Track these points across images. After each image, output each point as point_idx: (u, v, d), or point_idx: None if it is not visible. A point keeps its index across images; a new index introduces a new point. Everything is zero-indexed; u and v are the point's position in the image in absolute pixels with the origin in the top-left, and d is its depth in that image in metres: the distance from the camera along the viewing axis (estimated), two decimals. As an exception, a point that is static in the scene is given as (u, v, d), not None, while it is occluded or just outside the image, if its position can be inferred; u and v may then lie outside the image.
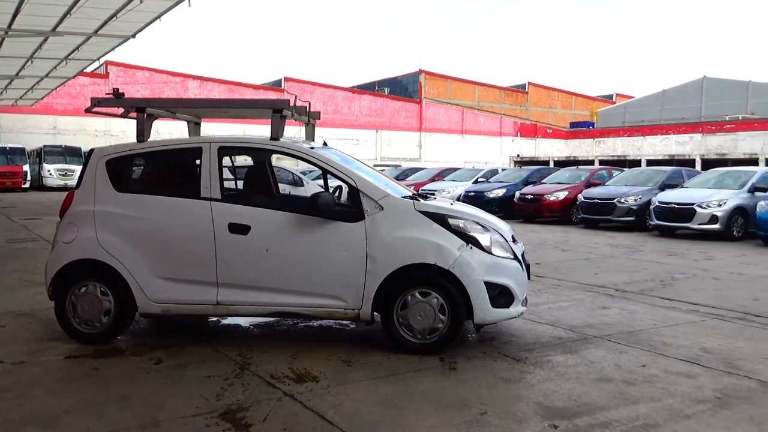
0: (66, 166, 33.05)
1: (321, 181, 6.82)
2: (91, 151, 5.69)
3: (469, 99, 56.06)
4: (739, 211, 14.00)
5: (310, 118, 6.39)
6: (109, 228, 5.35)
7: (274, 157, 6.14)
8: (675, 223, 14.48)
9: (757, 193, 14.15)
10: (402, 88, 56.19)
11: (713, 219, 13.84)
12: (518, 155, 50.40)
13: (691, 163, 34.36)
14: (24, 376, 4.59)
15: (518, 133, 56.12)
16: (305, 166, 19.30)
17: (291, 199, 7.27)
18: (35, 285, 7.60)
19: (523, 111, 59.04)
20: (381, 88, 55.72)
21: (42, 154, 33.38)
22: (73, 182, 27.60)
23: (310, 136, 6.56)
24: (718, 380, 4.55)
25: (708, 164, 30.94)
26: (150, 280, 5.27)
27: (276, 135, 5.46)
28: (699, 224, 14.02)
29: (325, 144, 6.22)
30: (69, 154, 34.04)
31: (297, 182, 13.57)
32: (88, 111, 5.85)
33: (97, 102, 5.70)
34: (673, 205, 14.48)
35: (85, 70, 27.94)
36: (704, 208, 13.97)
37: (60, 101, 38.62)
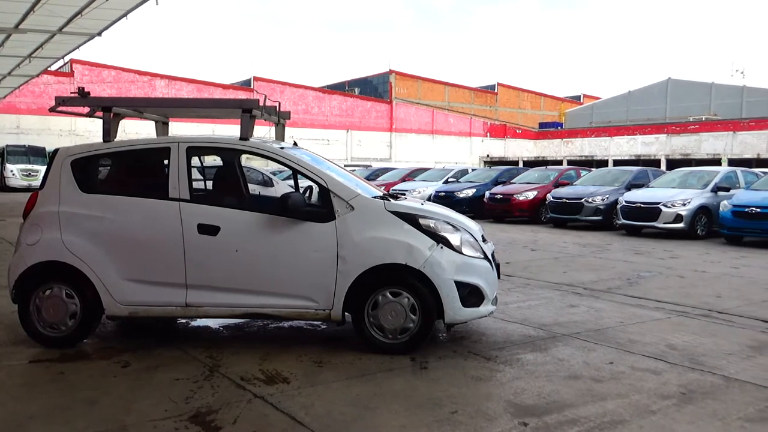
0: (29, 167, 32.34)
1: (291, 182, 6.80)
2: (56, 151, 5.59)
3: (440, 99, 56.30)
4: (702, 210, 14.32)
5: (279, 118, 6.35)
6: (75, 229, 5.25)
7: (243, 157, 6.09)
8: (641, 222, 14.74)
9: (720, 193, 14.50)
10: (372, 88, 56.20)
11: (678, 218, 14.13)
12: (488, 155, 50.78)
13: (656, 163, 35.03)
14: (-14, 381, 4.48)
15: (488, 134, 56.52)
16: (275, 166, 19.19)
17: (261, 200, 7.23)
18: (-2, 288, 7.42)
19: (492, 111, 59.49)
20: (351, 88, 55.66)
21: (5, 154, 32.61)
22: (37, 183, 27.08)
23: (280, 136, 6.53)
24: (683, 376, 4.65)
25: (673, 164, 31.57)
26: (117, 281, 5.19)
27: (245, 135, 5.42)
28: (664, 223, 14.29)
29: (295, 144, 6.19)
30: (33, 154, 33.32)
31: (267, 182, 13.50)
32: (52, 110, 5.74)
33: (61, 101, 5.60)
34: (639, 204, 14.74)
35: (49, 69, 27.41)
36: (669, 207, 14.25)
37: (23, 100, 37.81)
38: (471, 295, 5.15)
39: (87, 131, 37.92)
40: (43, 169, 25.37)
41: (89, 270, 5.17)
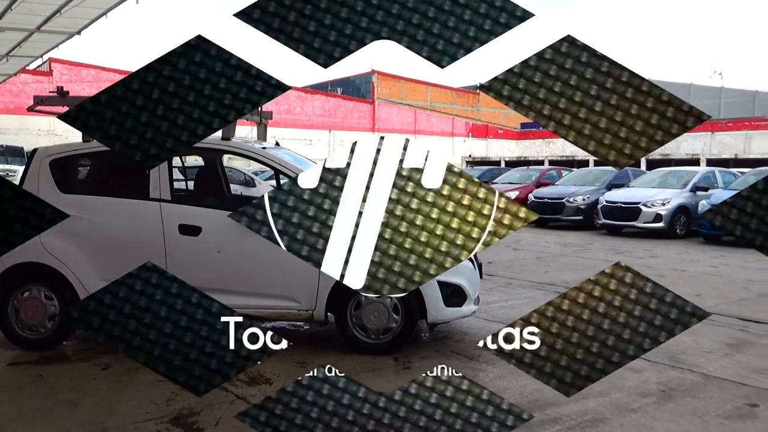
0: (7, 167, 31.71)
1: (273, 182, 6.77)
2: (34, 151, 5.53)
3: (422, 99, 56.40)
4: (681, 209, 14.47)
5: (262, 118, 6.34)
6: (54, 230, 5.16)
7: (225, 157, 6.06)
8: (621, 222, 14.87)
9: (699, 192, 14.69)
10: (355, 88, 56.14)
11: (657, 218, 14.27)
12: (470, 155, 50.90)
13: (636, 163, 35.30)
14: (-36, 384, 4.42)
15: (470, 134, 56.72)
16: (257, 166, 19.08)
17: (243, 200, 7.19)
18: (-25, 290, 7.30)
19: (474, 112, 59.70)
20: (334, 88, 55.55)
21: (-19, 154, 32.15)
22: (14, 183, 26.66)
23: (262, 136, 6.51)
24: (663, 374, 4.70)
25: (652, 164, 31.80)
26: (97, 283, 5.11)
27: (227, 135, 5.40)
28: (644, 223, 14.43)
29: (277, 144, 6.17)
30: (10, 154, 32.78)
31: (249, 183, 13.42)
32: (30, 110, 5.69)
33: (40, 100, 5.55)
34: (619, 204, 14.88)
35: (27, 68, 27.08)
36: (649, 207, 14.39)
37: (0, 99, 37.32)
38: (453, 294, 5.16)
39: (66, 131, 37.32)
40: (21, 169, 24.99)
41: (68, 271, 5.12)
